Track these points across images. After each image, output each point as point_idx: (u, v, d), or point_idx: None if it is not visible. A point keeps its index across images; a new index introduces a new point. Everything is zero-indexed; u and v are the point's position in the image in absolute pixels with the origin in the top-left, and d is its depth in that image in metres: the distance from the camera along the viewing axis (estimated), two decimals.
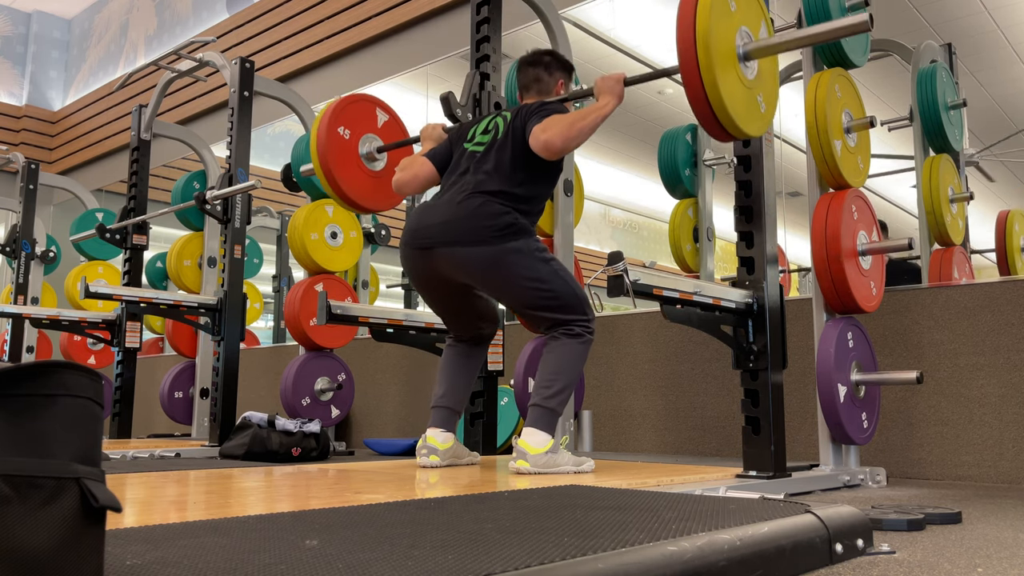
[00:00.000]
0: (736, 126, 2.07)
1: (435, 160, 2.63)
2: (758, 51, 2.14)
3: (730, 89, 2.04)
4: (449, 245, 2.35)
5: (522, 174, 2.41)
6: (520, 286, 2.36)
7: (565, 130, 2.31)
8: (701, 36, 1.97)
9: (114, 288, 4.27)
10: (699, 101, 2.02)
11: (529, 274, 2.35)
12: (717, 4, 2.02)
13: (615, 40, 5.48)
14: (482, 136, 2.54)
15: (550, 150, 2.32)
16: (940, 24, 5.11)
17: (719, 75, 1.99)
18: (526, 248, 2.37)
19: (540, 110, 2.44)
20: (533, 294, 2.36)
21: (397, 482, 2.04)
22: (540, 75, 2.66)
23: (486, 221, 2.33)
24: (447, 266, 2.40)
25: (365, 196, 3.32)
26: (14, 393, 0.72)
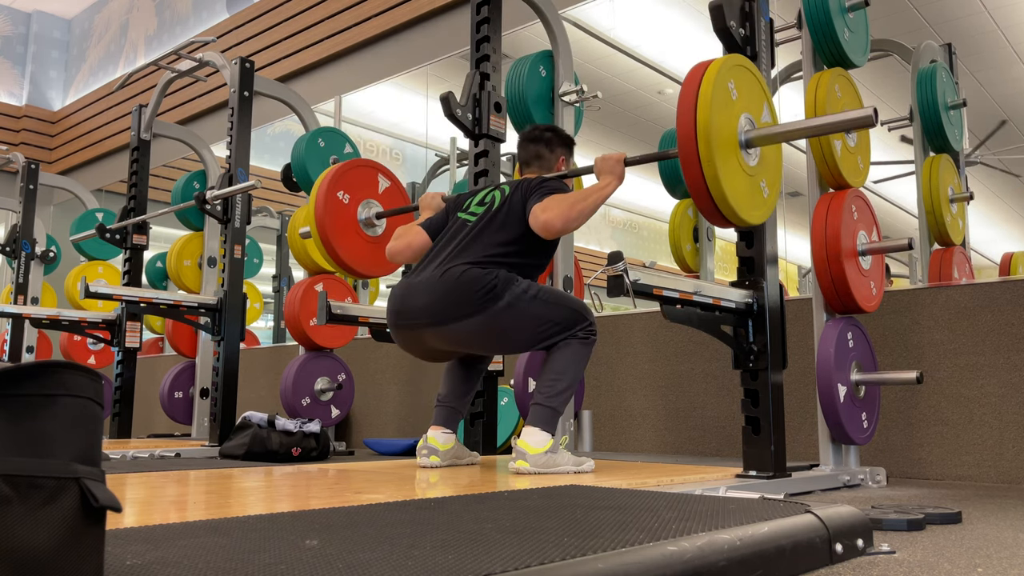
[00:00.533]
0: (737, 216, 2.05)
1: (430, 230, 2.62)
2: (760, 139, 2.12)
3: (731, 179, 2.02)
4: (436, 325, 2.35)
5: (515, 247, 2.41)
6: (523, 335, 2.37)
7: (566, 211, 2.32)
8: (702, 128, 1.94)
9: (114, 288, 4.27)
10: (700, 193, 2.00)
11: (527, 323, 2.35)
12: (718, 95, 1.98)
13: (615, 40, 5.48)
14: (476, 207, 2.53)
15: (549, 230, 2.33)
16: (940, 24, 5.11)
17: (720, 166, 1.96)
18: (514, 300, 2.34)
19: (540, 187, 2.43)
20: (538, 334, 2.36)
21: (397, 482, 2.04)
22: (541, 151, 2.66)
23: (468, 289, 2.30)
24: (439, 342, 2.42)
25: (362, 262, 3.34)
26: (14, 393, 0.72)
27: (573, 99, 3.56)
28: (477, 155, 3.40)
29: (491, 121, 3.38)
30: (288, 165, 4.51)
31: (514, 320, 2.34)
